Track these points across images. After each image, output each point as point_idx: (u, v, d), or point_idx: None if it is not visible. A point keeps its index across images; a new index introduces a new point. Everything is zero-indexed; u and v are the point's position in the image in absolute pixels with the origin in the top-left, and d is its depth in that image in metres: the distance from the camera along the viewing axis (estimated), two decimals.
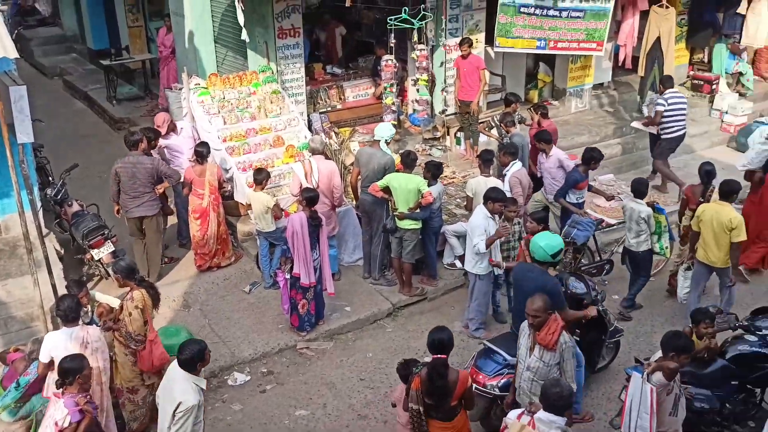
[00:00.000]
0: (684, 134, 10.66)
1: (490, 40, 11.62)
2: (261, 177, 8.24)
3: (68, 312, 5.60)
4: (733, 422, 6.13)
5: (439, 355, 5.06)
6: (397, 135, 11.31)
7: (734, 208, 7.43)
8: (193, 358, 4.96)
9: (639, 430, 5.20)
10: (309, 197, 7.48)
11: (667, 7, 12.05)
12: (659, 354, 5.45)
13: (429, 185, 8.06)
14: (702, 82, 13.78)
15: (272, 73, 10.10)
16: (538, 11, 10.94)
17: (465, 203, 8.72)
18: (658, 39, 12.02)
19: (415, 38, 10.57)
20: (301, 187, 7.99)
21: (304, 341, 7.74)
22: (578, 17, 11.04)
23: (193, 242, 8.82)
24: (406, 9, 10.20)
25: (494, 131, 10.26)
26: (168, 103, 11.18)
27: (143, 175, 8.20)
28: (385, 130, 8.58)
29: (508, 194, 8.04)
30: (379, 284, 8.65)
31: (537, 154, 9.19)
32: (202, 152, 8.60)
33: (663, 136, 10.54)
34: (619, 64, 12.75)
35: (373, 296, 8.49)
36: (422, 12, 10.33)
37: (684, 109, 10.56)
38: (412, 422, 5.21)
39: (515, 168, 8.38)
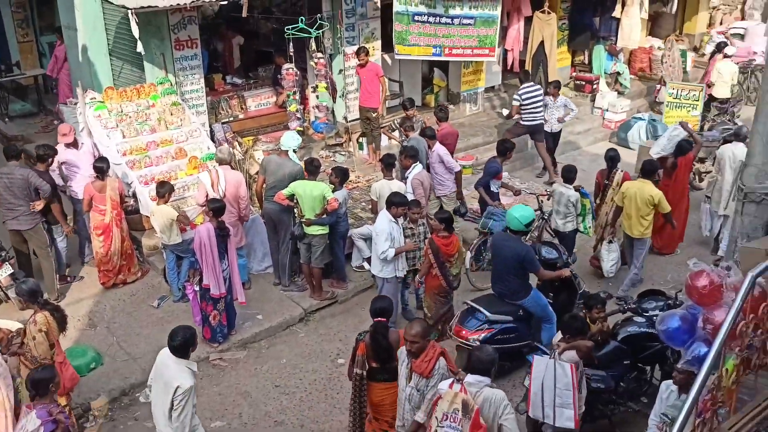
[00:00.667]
0: (541, 123, 11.41)
1: (386, 47, 11.83)
2: (164, 190, 8.11)
3: None
4: (628, 399, 6.38)
5: (380, 319, 5.50)
6: (301, 143, 11.41)
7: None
8: (185, 343, 5.15)
9: (562, 407, 5.40)
10: (215, 207, 7.41)
11: (548, 13, 12.63)
12: (559, 336, 5.77)
13: (335, 191, 8.13)
14: (584, 83, 14.48)
15: (171, 84, 9.96)
16: (431, 19, 11.25)
17: (370, 206, 8.84)
18: (542, 43, 12.60)
19: (313, 47, 10.63)
20: (207, 197, 7.92)
21: (216, 352, 7.67)
22: (469, 24, 11.44)
23: (96, 259, 8.63)
24: (303, 18, 10.26)
25: (396, 134, 10.47)
26: (64, 119, 10.77)
27: (17, 187, 7.98)
28: (291, 139, 8.60)
29: (411, 196, 8.21)
30: (289, 290, 8.66)
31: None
32: (101, 168, 8.39)
33: (521, 122, 11.42)
34: (508, 67, 13.26)
35: (284, 302, 8.49)
36: (319, 21, 10.42)
37: (539, 100, 11.25)
38: (354, 389, 5.60)
39: (416, 170, 8.57)
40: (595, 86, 14.36)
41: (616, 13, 14.16)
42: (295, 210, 8.34)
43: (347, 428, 5.94)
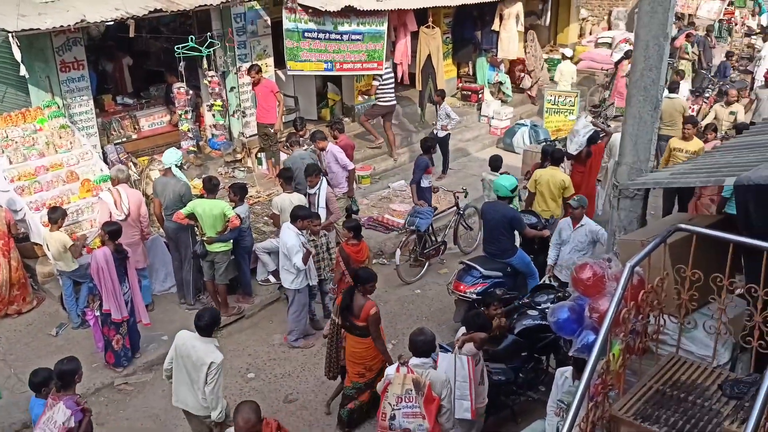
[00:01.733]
0: (394, 104, 12.28)
1: (279, 63, 11.82)
2: (56, 215, 7.83)
3: None
4: (527, 389, 6.57)
5: (355, 284, 6.29)
6: (198, 160, 11.21)
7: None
8: (211, 323, 5.56)
9: (460, 400, 5.52)
10: (111, 231, 7.24)
11: (433, 28, 13.01)
12: (462, 331, 5.88)
13: (236, 207, 8.10)
14: (470, 93, 15.00)
15: (58, 107, 9.60)
16: (321, 35, 11.35)
17: (272, 220, 8.81)
18: (429, 56, 12.93)
19: (205, 65, 10.50)
20: (111, 217, 7.79)
21: (122, 377, 7.45)
22: (358, 40, 11.62)
23: None
24: (193, 37, 10.08)
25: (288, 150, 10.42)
26: None
27: None
28: (171, 156, 8.48)
29: (322, 211, 8.33)
30: (195, 309, 8.39)
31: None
32: None
33: (378, 103, 12.16)
34: (398, 80, 13.51)
35: (189, 321, 8.04)
36: (209, 40, 10.29)
37: (392, 83, 12.12)
38: (330, 333, 6.42)
39: (325, 184, 8.63)
40: (480, 96, 14.86)
41: (495, 27, 14.72)
42: (196, 228, 8.23)
43: (324, 370, 6.69)
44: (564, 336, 5.03)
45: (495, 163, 9.59)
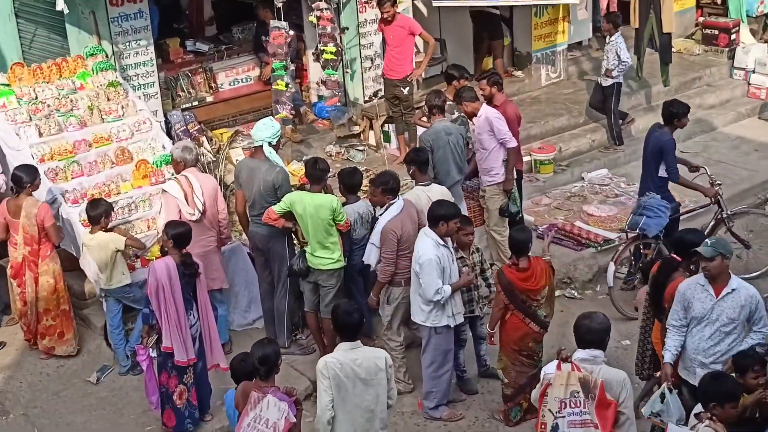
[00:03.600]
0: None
1: None
2: (98, 212, 8.15)
3: None
4: None
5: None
6: (297, 135, 11.41)
7: None
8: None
9: None
10: (178, 234, 7.43)
11: None
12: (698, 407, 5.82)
13: (346, 204, 8.23)
14: (716, 32, 14.45)
15: (106, 56, 10.00)
16: None
17: None
18: None
19: None
20: (180, 217, 8.04)
21: None
22: None
23: (17, 312, 8.90)
24: None
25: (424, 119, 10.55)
26: None
27: None
28: (263, 129, 8.62)
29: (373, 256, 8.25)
30: (290, 353, 8.64)
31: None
32: (20, 179, 8.44)
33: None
34: (602, 14, 13.19)
35: (282, 371, 8.16)
36: None
37: None
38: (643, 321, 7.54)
39: (395, 210, 8.25)
40: (733, 36, 14.33)
41: None
42: (294, 234, 8.37)
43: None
44: None
45: None
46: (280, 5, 10.42)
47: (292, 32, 10.81)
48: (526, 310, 7.50)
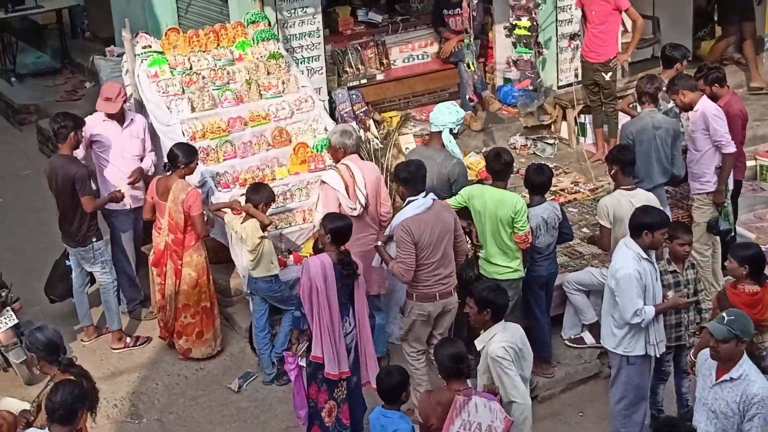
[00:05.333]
0: None
1: None
2: (260, 197, 8.10)
3: None
4: None
5: None
6: (479, 123, 11.28)
7: None
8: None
9: None
10: (336, 228, 7.18)
11: None
12: None
13: (530, 206, 7.99)
14: None
15: (269, 24, 9.95)
16: None
17: (596, 235, 8.60)
18: None
19: None
20: (340, 211, 7.92)
21: None
22: None
23: (156, 306, 8.93)
24: None
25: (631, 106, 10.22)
26: (102, 78, 11.10)
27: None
28: (444, 114, 8.41)
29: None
30: None
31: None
32: (176, 157, 8.40)
33: None
34: None
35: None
36: None
37: None
38: None
39: (418, 206, 7.72)
40: None
41: None
42: (467, 235, 8.04)
43: None
44: None
45: None
46: None
47: (478, 2, 10.62)
48: None
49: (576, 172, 10.65)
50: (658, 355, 7.42)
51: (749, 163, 10.71)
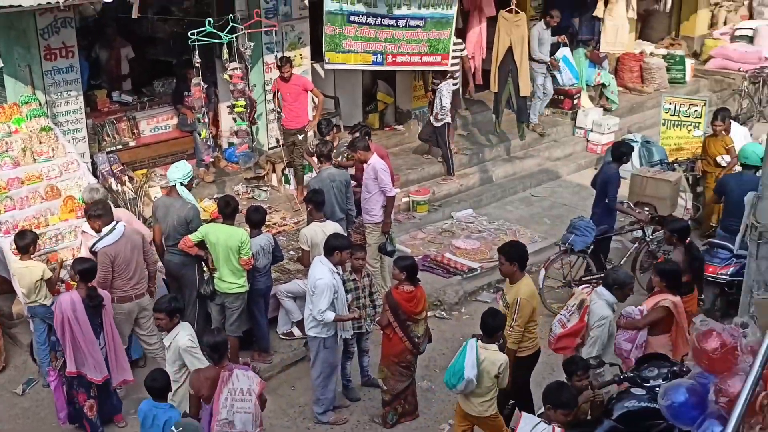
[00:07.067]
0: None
1: (317, 55, 11.98)
2: (26, 242, 7.97)
3: None
4: None
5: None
6: (211, 177, 11.45)
7: None
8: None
9: None
10: (82, 270, 7.36)
11: (516, 12, 12.87)
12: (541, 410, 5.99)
13: (253, 238, 8.25)
14: (562, 97, 14.85)
15: (39, 104, 9.92)
16: (370, 20, 11.36)
17: (299, 258, 8.90)
18: (510, 49, 12.86)
19: (226, 55, 10.70)
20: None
21: None
22: (418, 26, 11.64)
23: None
24: (211, 20, 10.28)
25: (315, 159, 10.65)
26: None
27: None
28: (176, 170, 8.56)
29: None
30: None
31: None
32: None
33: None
34: (470, 79, 13.47)
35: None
36: (231, 24, 10.46)
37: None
38: None
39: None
40: (575, 101, 14.76)
41: (598, 12, 14.58)
42: (205, 261, 8.35)
43: None
44: (680, 425, 4.91)
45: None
46: (197, 65, 10.40)
47: (206, 87, 10.82)
48: (405, 329, 7.53)
49: (284, 210, 11.06)
50: (348, 337, 7.87)
51: (404, 199, 11.64)
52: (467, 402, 6.83)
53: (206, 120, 10.79)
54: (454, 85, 12.51)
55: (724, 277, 9.16)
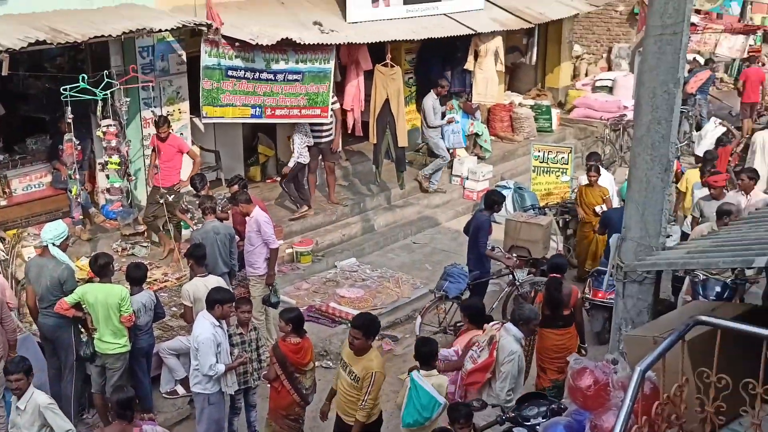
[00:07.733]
0: (330, 140, 12.83)
1: (196, 110, 11.93)
2: None
3: None
4: None
5: (555, 275, 8.39)
6: (87, 234, 11.16)
7: None
8: None
9: None
10: None
11: (392, 66, 13.28)
12: None
13: (132, 295, 8.08)
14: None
15: None
16: (249, 74, 11.52)
17: (182, 312, 8.80)
18: (387, 101, 13.19)
19: (100, 112, 10.52)
20: None
21: None
22: (296, 80, 11.83)
23: None
24: (85, 76, 10.11)
25: (188, 216, 10.77)
26: None
27: None
28: (50, 230, 8.34)
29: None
30: None
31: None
32: None
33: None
34: (348, 130, 13.68)
35: None
36: (106, 79, 10.34)
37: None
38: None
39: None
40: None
41: (469, 66, 15.14)
42: (83, 322, 8.17)
43: None
44: None
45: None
46: (70, 120, 10.09)
47: (83, 144, 10.63)
48: (293, 382, 7.48)
49: (165, 266, 10.88)
50: (232, 393, 7.73)
51: (288, 250, 11.65)
52: None
53: (77, 177, 10.55)
54: (328, 136, 12.68)
55: (611, 301, 9.44)
